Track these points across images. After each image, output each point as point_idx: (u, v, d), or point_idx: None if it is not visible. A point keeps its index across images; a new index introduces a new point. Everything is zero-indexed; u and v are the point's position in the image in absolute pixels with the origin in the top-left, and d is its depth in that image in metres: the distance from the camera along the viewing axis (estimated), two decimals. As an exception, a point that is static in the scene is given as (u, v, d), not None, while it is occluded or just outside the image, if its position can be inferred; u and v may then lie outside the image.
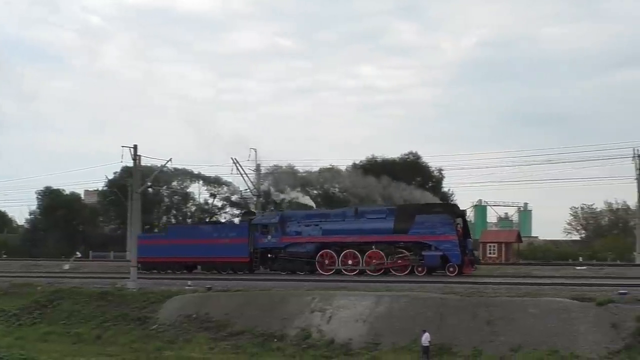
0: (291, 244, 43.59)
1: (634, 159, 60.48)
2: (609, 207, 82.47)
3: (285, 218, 44.99)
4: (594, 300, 26.04)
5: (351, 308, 28.91)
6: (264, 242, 44.47)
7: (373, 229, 41.24)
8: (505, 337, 25.46)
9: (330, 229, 42.82)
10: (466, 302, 27.76)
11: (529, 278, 36.40)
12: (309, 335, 28.24)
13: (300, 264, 42.84)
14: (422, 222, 39.96)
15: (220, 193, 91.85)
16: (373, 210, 43.15)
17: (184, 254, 46.46)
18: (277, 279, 38.50)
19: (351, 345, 27.16)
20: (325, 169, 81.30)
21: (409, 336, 26.47)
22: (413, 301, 28.51)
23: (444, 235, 39.14)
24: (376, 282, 34.15)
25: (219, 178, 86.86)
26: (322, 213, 45.92)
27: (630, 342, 23.86)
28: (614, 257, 65.47)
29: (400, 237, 40.52)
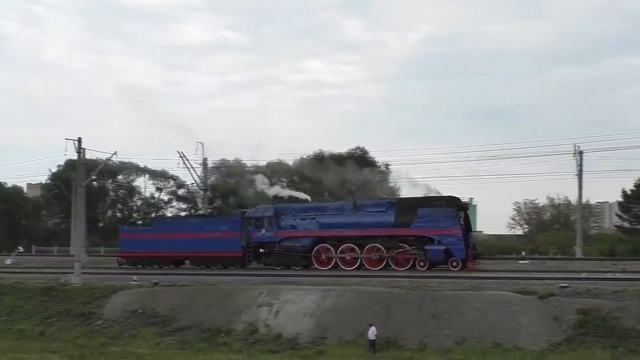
0: (286, 237, 42.38)
1: (574, 155, 61.85)
2: (551, 202, 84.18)
3: (280, 211, 43.63)
4: (536, 293, 26.60)
5: (298, 302, 28.97)
6: (257, 236, 43.14)
7: (373, 223, 40.36)
8: (450, 331, 25.85)
9: (328, 222, 41.80)
10: (412, 296, 28.08)
11: (473, 272, 36.95)
12: (256, 330, 28.23)
13: (296, 259, 41.88)
14: (424, 216, 39.08)
15: (167, 187, 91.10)
16: (372, 203, 42.11)
17: (172, 249, 44.55)
18: (223, 274, 38.31)
19: (298, 339, 27.22)
20: (273, 163, 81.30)
21: (355, 330, 26.65)
22: (360, 295, 28.71)
23: (448, 229, 38.38)
24: (323, 277, 34.27)
25: (166, 172, 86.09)
26: (319, 206, 44.54)
27: (571, 334, 24.47)
28: (556, 251, 66.92)
29: (402, 231, 39.66)
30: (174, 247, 44.43)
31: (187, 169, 65.75)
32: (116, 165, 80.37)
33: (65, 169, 79.99)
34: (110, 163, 67.30)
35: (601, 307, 25.09)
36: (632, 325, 24.20)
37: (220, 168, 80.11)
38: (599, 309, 25.00)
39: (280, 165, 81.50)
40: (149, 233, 47.49)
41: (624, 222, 71.23)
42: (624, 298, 25.44)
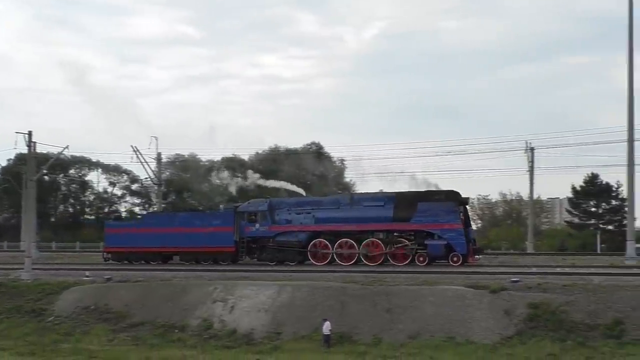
0: (281, 232, 41.62)
1: (526, 152, 62.81)
2: (503, 198, 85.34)
3: (275, 205, 42.81)
4: (488, 287, 27.00)
5: (253, 298, 28.96)
6: (251, 231, 42.13)
7: (371, 217, 39.73)
8: (404, 325, 26.10)
9: (324, 217, 41.03)
10: (367, 290, 28.27)
11: (427, 266, 37.34)
12: (210, 325, 28.14)
13: (292, 254, 41.11)
14: (424, 210, 38.64)
15: (120, 182, 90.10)
16: (370, 197, 41.35)
17: (161, 244, 43.34)
18: (178, 269, 38.07)
19: (253, 335, 27.22)
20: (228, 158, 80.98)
21: (310, 325, 26.76)
22: (314, 290, 28.80)
23: (449, 224, 38.05)
24: (278, 272, 34.31)
25: (119, 166, 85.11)
26: (315, 200, 43.47)
27: (522, 328, 24.90)
28: (508, 246, 67.92)
29: (401, 226, 39.31)
30: (163, 242, 43.35)
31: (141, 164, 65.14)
32: (68, 159, 79.38)
33: (15, 163, 78.60)
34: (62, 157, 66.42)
35: (551, 301, 25.59)
36: (581, 318, 24.72)
37: (174, 162, 79.57)
38: (549, 303, 25.49)
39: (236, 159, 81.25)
40: (136, 228, 46.09)
41: (573, 217, 72.56)
42: (573, 292, 25.97)
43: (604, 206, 69.33)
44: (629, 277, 28.19)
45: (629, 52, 42.59)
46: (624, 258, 40.67)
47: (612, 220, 68.59)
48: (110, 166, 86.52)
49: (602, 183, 69.33)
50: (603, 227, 68.09)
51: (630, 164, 42.32)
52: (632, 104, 42.36)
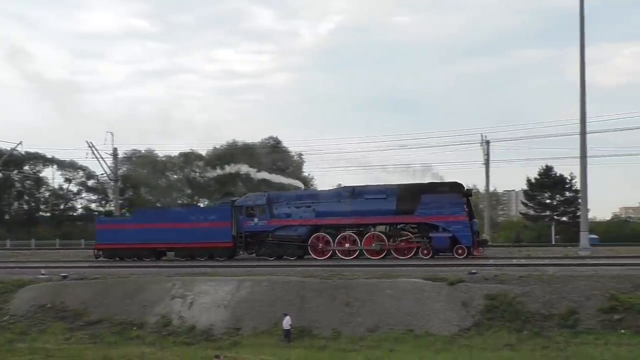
0: (280, 227, 40.63)
1: (481, 145, 63.57)
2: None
3: (273, 199, 41.77)
4: (446, 280, 27.31)
5: (212, 293, 28.85)
6: (249, 226, 41.06)
7: (373, 210, 38.98)
8: (363, 318, 26.25)
9: (325, 210, 40.16)
10: (326, 284, 28.35)
11: (385, 260, 37.57)
12: (169, 322, 27.94)
13: (292, 249, 40.23)
14: (428, 203, 38.10)
15: (76, 178, 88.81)
16: (371, 190, 40.26)
17: (156, 240, 42.18)
18: (136, 266, 37.71)
19: (213, 330, 27.12)
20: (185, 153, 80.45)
21: (270, 320, 26.76)
22: (274, 285, 28.80)
23: (454, 216, 37.56)
24: (237, 267, 34.22)
25: (74, 162, 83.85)
26: (314, 194, 42.92)
27: (479, 320, 25.24)
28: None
29: (405, 219, 38.77)
30: (158, 239, 42.30)
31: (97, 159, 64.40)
32: (22, 156, 77.95)
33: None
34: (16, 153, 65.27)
35: (507, 292, 25.98)
36: (537, 309, 25.15)
37: (131, 158, 78.74)
38: (506, 294, 25.88)
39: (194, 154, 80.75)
40: (129, 223, 45.00)
41: (529, 209, 73.59)
42: (529, 283, 26.41)
43: (558, 198, 70.47)
44: (582, 268, 28.75)
45: (580, 46, 43.30)
46: (578, 249, 41.44)
47: (566, 212, 69.75)
48: (66, 162, 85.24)
49: (556, 175, 70.45)
50: (557, 218, 69.27)
51: (583, 155, 43.06)
52: (584, 97, 43.10)
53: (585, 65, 43.11)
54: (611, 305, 24.64)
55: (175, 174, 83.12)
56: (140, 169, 76.17)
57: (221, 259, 40.63)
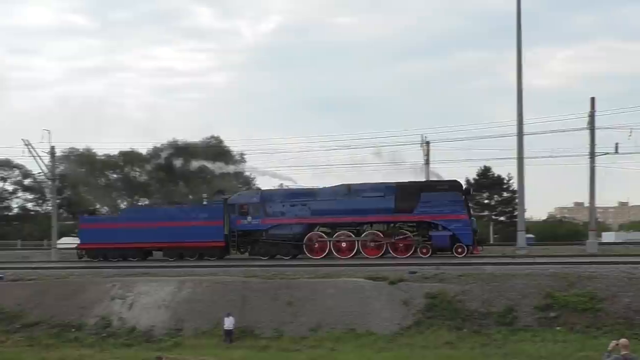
0: (275, 225, 39.68)
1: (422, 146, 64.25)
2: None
3: (267, 197, 40.75)
4: (387, 279, 27.57)
5: (153, 294, 28.58)
6: (242, 224, 40.05)
7: (371, 209, 38.29)
8: (306, 318, 26.33)
9: (321, 208, 39.32)
10: (268, 284, 28.36)
11: (328, 259, 37.67)
12: (109, 323, 27.58)
13: (286, 248, 39.36)
14: (428, 201, 37.56)
15: (11, 177, 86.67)
16: (368, 188, 39.52)
17: (144, 239, 40.85)
18: (75, 267, 37.00)
19: (153, 332, 26.87)
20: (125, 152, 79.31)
21: (212, 320, 26.63)
22: (216, 285, 28.69)
23: (455, 214, 37.10)
24: (179, 267, 33.91)
25: (10, 161, 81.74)
26: (310, 192, 40.99)
27: (420, 318, 25.57)
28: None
29: (404, 217, 38.13)
30: (146, 238, 40.95)
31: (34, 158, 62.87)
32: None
33: None
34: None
35: (447, 291, 26.39)
36: (476, 307, 25.61)
37: (69, 157, 77.22)
38: (445, 293, 26.28)
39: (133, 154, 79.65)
40: (115, 222, 43.45)
41: (468, 209, 74.74)
42: (468, 282, 26.86)
43: (496, 198, 71.76)
44: (519, 266, 29.35)
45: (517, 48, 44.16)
46: (515, 248, 42.21)
47: (504, 212, 71.09)
48: (1, 160, 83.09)
49: (494, 176, 71.73)
50: (495, 218, 70.50)
51: (520, 157, 43.92)
52: (521, 99, 43.97)
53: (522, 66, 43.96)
54: (547, 303, 25.25)
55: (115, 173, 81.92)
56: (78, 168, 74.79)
57: (212, 258, 39.76)
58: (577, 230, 69.27)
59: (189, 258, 40.22)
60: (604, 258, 33.56)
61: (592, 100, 43.75)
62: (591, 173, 42.83)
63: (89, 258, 41.81)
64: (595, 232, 45.39)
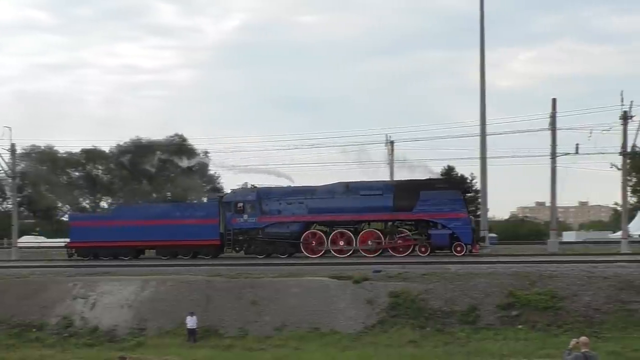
0: (271, 224, 39.03)
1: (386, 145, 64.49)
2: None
3: (263, 195, 39.95)
4: (352, 278, 27.63)
5: (116, 293, 28.32)
6: (238, 223, 39.27)
7: (369, 207, 37.86)
8: (270, 317, 26.30)
9: (318, 207, 38.76)
10: (232, 283, 28.27)
11: (293, 259, 37.68)
12: (70, 323, 27.27)
13: (283, 246, 38.82)
14: (427, 199, 37.23)
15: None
16: (367, 186, 39.14)
17: (137, 237, 39.98)
18: (37, 266, 36.48)
19: (116, 331, 26.64)
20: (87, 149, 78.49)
21: (175, 320, 26.45)
22: (179, 284, 28.53)
23: (454, 213, 36.83)
24: (142, 266, 33.66)
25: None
26: (307, 189, 40.33)
27: (384, 317, 25.69)
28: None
29: (403, 215, 37.79)
30: (139, 236, 40.06)
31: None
32: None
33: None
34: None
35: (411, 289, 26.52)
36: (439, 306, 25.79)
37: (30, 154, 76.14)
38: (409, 292, 26.40)
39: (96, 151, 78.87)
40: (107, 220, 42.37)
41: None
42: (431, 281, 27.04)
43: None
44: (482, 265, 29.62)
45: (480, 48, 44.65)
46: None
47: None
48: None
49: (457, 175, 72.31)
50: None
51: (483, 156, 44.40)
52: (484, 99, 44.49)
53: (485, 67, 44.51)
54: (509, 301, 25.51)
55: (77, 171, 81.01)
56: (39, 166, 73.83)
57: (207, 257, 39.14)
58: (538, 230, 70.27)
59: (183, 257, 39.64)
60: (565, 257, 34.07)
61: (554, 101, 44.43)
62: (552, 173, 43.46)
63: (79, 257, 41.01)
64: (556, 231, 46.07)
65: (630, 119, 38.59)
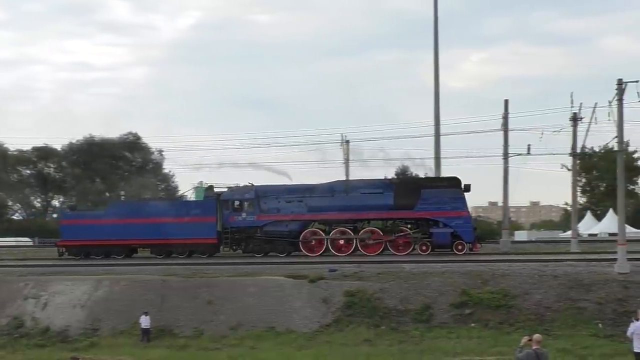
0: (270, 222, 38.25)
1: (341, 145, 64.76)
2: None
3: (262, 193, 39.10)
4: (308, 277, 27.72)
5: (68, 293, 27.99)
6: (236, 221, 38.37)
7: (370, 205, 37.32)
8: (226, 317, 26.26)
9: (318, 205, 38.04)
10: (188, 283, 28.15)
11: (250, 258, 37.57)
12: (21, 323, 26.92)
13: (282, 245, 38.06)
14: (429, 198, 36.78)
15: None
16: (366, 184, 38.51)
17: (131, 236, 38.85)
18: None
19: (68, 332, 26.36)
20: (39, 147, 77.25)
21: (129, 320, 26.28)
22: (133, 284, 28.31)
23: (456, 211, 36.46)
24: (96, 266, 33.26)
25: None
26: (306, 187, 39.50)
27: (340, 316, 25.84)
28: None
29: (404, 214, 37.32)
30: (133, 234, 38.89)
31: None
32: None
33: None
34: None
35: (366, 289, 26.71)
36: (394, 305, 26.03)
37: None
38: (365, 291, 26.60)
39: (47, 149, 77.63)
40: (101, 218, 40.73)
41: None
42: (386, 280, 27.27)
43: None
44: (436, 264, 29.92)
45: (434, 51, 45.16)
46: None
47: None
48: None
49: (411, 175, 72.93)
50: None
51: (437, 156, 44.86)
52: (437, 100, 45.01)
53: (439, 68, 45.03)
54: (462, 300, 25.87)
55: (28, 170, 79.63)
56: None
57: (204, 256, 38.36)
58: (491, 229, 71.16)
59: (179, 256, 38.76)
60: (517, 256, 34.57)
61: (506, 103, 45.02)
62: (505, 173, 44.02)
63: (70, 256, 39.84)
64: (508, 230, 46.69)
65: (579, 120, 39.20)
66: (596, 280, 26.13)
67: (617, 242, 28.41)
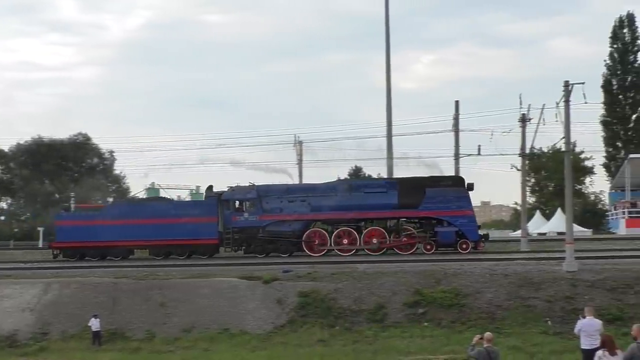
0: (272, 222, 37.91)
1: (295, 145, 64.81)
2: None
3: (264, 192, 38.75)
4: (261, 278, 27.68)
5: (17, 297, 27.47)
6: (238, 221, 37.98)
7: (374, 205, 37.14)
8: (178, 319, 26.07)
9: (321, 205, 37.76)
10: (140, 285, 27.87)
11: (200, 260, 37.31)
12: (-32, 329, 26.29)
13: (284, 245, 37.70)
14: (433, 196, 36.83)
15: None
16: (370, 183, 38.70)
17: (129, 237, 38.09)
18: None
19: (17, 336, 25.86)
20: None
21: (80, 323, 25.88)
22: (84, 287, 27.94)
23: (461, 210, 36.51)
24: (45, 269, 32.72)
25: None
26: (309, 187, 39.72)
27: (294, 316, 25.86)
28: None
29: (409, 213, 37.36)
30: (131, 235, 38.01)
31: None
32: None
33: None
34: None
35: (320, 289, 26.77)
36: (348, 305, 26.13)
37: None
38: (319, 291, 26.66)
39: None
40: (98, 219, 39.77)
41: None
42: (340, 280, 27.37)
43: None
44: (389, 264, 30.15)
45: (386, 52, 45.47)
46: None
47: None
48: None
49: (364, 176, 73.42)
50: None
51: (390, 157, 45.15)
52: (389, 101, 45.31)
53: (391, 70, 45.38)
54: (415, 299, 26.08)
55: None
56: None
57: (204, 256, 37.80)
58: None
59: (178, 257, 38.20)
60: (468, 255, 34.97)
61: (457, 104, 45.66)
62: (456, 174, 44.54)
63: (64, 257, 38.98)
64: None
65: (528, 121, 39.83)
66: (545, 279, 26.62)
67: (565, 241, 28.94)
